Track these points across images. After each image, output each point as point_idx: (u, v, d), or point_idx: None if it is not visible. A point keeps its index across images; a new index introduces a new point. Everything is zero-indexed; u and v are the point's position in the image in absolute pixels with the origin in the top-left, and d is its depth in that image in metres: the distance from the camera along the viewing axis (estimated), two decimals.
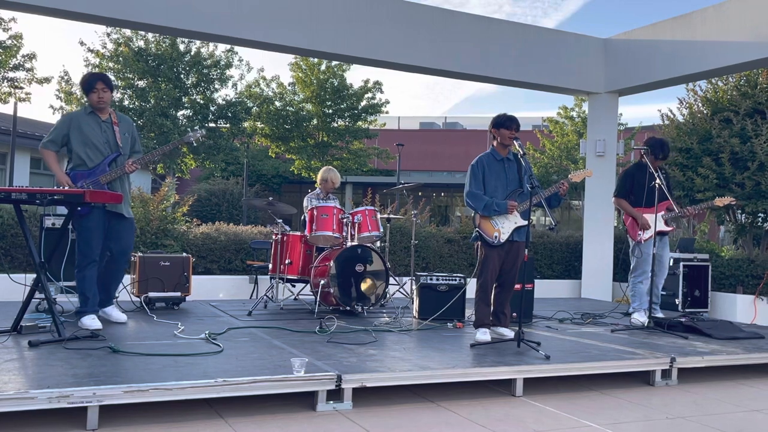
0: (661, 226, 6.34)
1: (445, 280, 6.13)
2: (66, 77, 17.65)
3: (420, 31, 8.63)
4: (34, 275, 4.50)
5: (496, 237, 5.07)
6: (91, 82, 5.01)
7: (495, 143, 5.24)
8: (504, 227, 5.09)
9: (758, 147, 8.97)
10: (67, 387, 3.15)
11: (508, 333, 5.23)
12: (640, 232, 6.44)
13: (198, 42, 17.97)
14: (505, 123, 5.13)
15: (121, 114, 5.26)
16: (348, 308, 6.18)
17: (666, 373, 4.67)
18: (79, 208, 4.75)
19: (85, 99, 5.20)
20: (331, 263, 6.11)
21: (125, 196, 5.08)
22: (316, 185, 7.34)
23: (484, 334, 5.10)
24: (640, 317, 6.35)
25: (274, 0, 7.89)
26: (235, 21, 7.68)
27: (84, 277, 4.97)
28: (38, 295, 4.92)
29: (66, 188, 4.73)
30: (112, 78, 17.98)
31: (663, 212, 6.33)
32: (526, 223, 5.10)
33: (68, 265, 5.23)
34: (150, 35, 17.64)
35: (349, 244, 6.33)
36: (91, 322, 4.90)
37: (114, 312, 5.20)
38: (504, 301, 5.31)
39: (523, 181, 5.21)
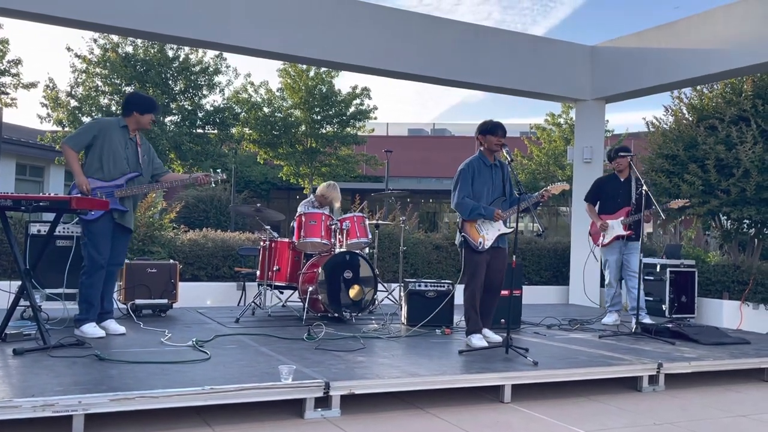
0: (620, 231, 6.74)
1: (434, 286, 6.13)
2: (51, 84, 17.53)
3: (409, 38, 8.65)
4: (19, 282, 4.45)
5: (480, 243, 5.12)
6: (154, 106, 5.16)
7: (483, 149, 5.29)
8: (488, 234, 5.16)
9: (743, 154, 9.04)
10: (52, 395, 3.12)
11: (493, 336, 5.27)
12: (600, 237, 6.91)
13: (187, 48, 17.92)
14: (492, 130, 5.22)
15: (143, 137, 5.28)
16: (336, 315, 6.16)
17: (653, 379, 4.69)
18: (91, 212, 4.76)
19: (110, 110, 5.26)
20: (320, 270, 6.10)
21: (132, 212, 5.12)
22: (310, 195, 7.28)
23: (480, 340, 5.14)
24: (607, 319, 6.87)
25: (262, 6, 7.89)
26: (222, 27, 7.66)
27: (92, 283, 4.91)
28: (23, 303, 4.87)
29: (85, 191, 4.79)
30: (99, 83, 17.93)
31: (623, 217, 6.74)
32: (509, 230, 5.19)
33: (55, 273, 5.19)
34: (139, 41, 17.58)
35: (337, 250, 6.32)
36: (94, 330, 4.85)
37: (111, 325, 5.11)
38: (491, 306, 5.35)
39: (506, 188, 5.31)
